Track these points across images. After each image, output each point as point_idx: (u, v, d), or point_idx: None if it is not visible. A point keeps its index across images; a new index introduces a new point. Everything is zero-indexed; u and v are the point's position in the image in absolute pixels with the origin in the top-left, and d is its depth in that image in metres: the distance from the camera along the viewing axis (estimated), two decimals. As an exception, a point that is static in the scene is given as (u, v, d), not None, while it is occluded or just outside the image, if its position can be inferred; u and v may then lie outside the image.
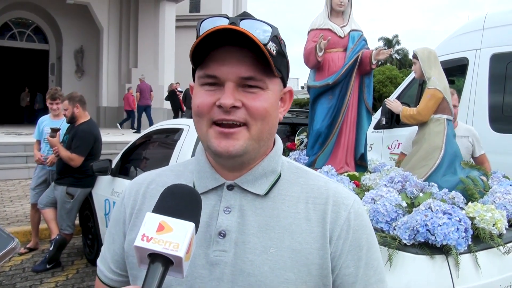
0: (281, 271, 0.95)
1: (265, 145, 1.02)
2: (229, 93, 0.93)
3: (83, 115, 5.17)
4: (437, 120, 3.16)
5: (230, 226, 0.98)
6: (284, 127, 4.40)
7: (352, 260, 0.99)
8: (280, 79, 1.02)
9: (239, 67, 0.93)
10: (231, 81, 0.93)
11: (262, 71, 0.94)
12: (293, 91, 1.11)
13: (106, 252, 1.14)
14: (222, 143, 0.95)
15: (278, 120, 1.04)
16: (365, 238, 1.02)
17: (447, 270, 2.09)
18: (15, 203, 7.67)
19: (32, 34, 20.56)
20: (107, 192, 4.74)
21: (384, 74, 26.10)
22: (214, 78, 0.95)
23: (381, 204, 2.39)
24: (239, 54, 0.93)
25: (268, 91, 0.97)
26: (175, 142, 3.90)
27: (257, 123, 0.96)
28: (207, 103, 0.95)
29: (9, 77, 22.25)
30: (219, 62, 0.94)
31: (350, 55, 3.30)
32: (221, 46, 0.93)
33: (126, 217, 1.09)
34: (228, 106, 0.92)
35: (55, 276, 4.88)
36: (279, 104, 1.04)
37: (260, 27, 0.94)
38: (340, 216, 1.00)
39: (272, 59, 0.94)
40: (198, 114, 0.98)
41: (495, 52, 5.05)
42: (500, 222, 2.37)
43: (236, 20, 0.93)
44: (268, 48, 0.93)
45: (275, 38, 0.96)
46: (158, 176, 1.12)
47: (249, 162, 1.02)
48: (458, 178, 3.04)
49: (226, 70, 0.93)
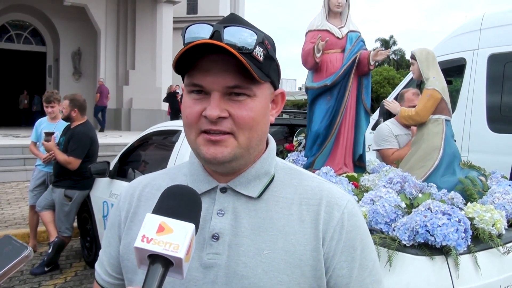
0: (275, 273, 0.95)
1: (255, 151, 1.02)
2: (214, 104, 0.93)
3: (81, 118, 5.16)
4: (436, 120, 3.16)
5: (224, 229, 0.99)
6: (282, 128, 4.39)
7: (346, 261, 0.99)
8: (269, 83, 1.01)
9: (224, 77, 0.93)
10: (216, 91, 0.93)
11: (248, 79, 0.94)
12: (285, 93, 1.10)
13: (103, 255, 1.14)
14: (210, 150, 0.95)
15: (268, 124, 1.03)
16: (359, 239, 1.01)
17: (446, 271, 2.09)
18: (13, 205, 7.65)
19: (29, 36, 20.51)
20: (105, 194, 4.73)
21: (382, 75, 26.16)
22: (200, 87, 0.95)
23: (380, 205, 2.39)
24: (223, 63, 0.92)
25: (255, 98, 0.96)
26: (173, 143, 3.89)
27: (244, 132, 0.95)
28: (195, 113, 0.96)
29: (7, 80, 22.21)
30: (204, 71, 0.94)
31: (348, 56, 3.29)
32: (206, 55, 0.93)
33: (121, 220, 1.10)
34: (214, 117, 0.92)
35: (54, 279, 4.87)
36: (269, 108, 1.03)
37: (244, 35, 0.93)
38: (333, 217, 0.99)
39: (259, 65, 0.94)
40: (187, 124, 0.98)
41: (492, 53, 5.06)
42: (500, 222, 2.37)
43: (220, 28, 0.92)
44: (254, 54, 0.93)
45: (261, 44, 0.94)
46: (153, 179, 1.13)
47: (240, 168, 1.02)
48: (457, 179, 3.04)
49: (211, 80, 0.93)
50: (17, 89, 21.81)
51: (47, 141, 5.01)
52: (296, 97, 31.23)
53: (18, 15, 19.59)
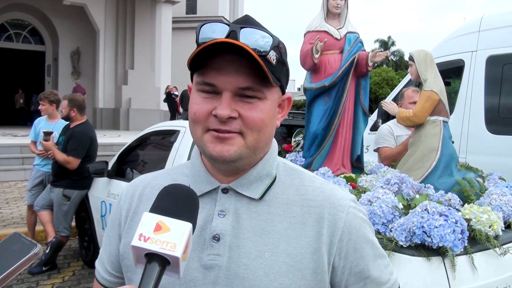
0: (276, 275, 0.95)
1: (261, 153, 1.02)
2: (225, 104, 0.92)
3: (80, 118, 5.16)
4: (433, 122, 3.16)
5: (225, 230, 0.98)
6: (280, 129, 4.39)
7: (361, 257, 1.01)
8: (279, 87, 1.01)
9: (237, 77, 0.92)
10: (228, 90, 0.93)
11: (260, 81, 0.94)
12: (292, 97, 1.10)
13: (103, 253, 1.15)
14: (217, 148, 0.95)
15: (275, 128, 1.03)
16: (369, 233, 1.05)
17: (443, 272, 2.09)
18: (11, 205, 7.64)
19: (28, 36, 20.51)
20: (103, 194, 4.73)
21: (380, 75, 26.15)
22: (211, 86, 0.94)
23: (377, 206, 2.39)
24: (237, 63, 0.92)
25: (266, 101, 0.96)
26: (172, 144, 3.89)
27: (253, 133, 0.95)
28: (204, 111, 0.95)
29: (5, 79, 22.19)
30: (217, 70, 0.93)
31: (346, 57, 3.30)
32: (220, 54, 0.92)
33: (121, 219, 1.10)
34: (225, 117, 0.92)
35: (52, 279, 4.87)
36: (276, 112, 1.03)
37: (260, 37, 0.93)
38: (339, 218, 1.00)
39: (272, 68, 0.93)
40: (194, 121, 0.97)
41: (491, 54, 5.06)
42: (496, 223, 2.37)
43: (236, 28, 0.92)
44: (268, 57, 0.92)
45: (276, 47, 0.95)
46: (154, 179, 1.13)
47: (243, 168, 1.02)
48: (454, 180, 3.05)
49: (224, 79, 0.93)
50: (16, 88, 21.79)
51: (45, 141, 5.02)
52: (295, 97, 31.25)
53: (17, 14, 19.58)
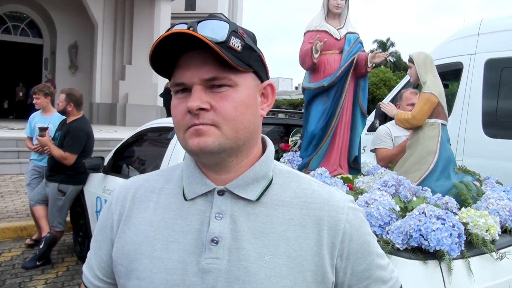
0: (277, 278, 0.94)
1: (247, 143, 1.00)
2: (194, 96, 0.93)
3: (76, 113, 5.14)
4: (432, 124, 3.16)
5: (223, 233, 0.96)
6: (278, 128, 4.39)
7: (362, 257, 1.01)
8: (254, 74, 1.01)
9: (201, 70, 0.93)
10: (196, 84, 0.94)
11: (227, 69, 0.94)
12: (274, 84, 1.09)
13: (92, 258, 1.11)
14: (195, 141, 0.94)
15: (258, 116, 1.02)
16: (368, 232, 1.05)
17: (439, 275, 2.09)
18: (6, 198, 7.61)
19: (26, 28, 20.41)
20: (98, 190, 4.71)
21: (378, 76, 26.15)
22: (182, 85, 0.96)
23: (374, 207, 2.38)
24: (201, 57, 0.93)
25: (238, 88, 0.96)
26: (168, 140, 3.87)
27: (228, 123, 0.94)
28: (181, 111, 0.96)
29: (2, 71, 22.08)
30: (184, 68, 0.95)
31: (346, 57, 3.29)
32: (185, 52, 0.95)
33: (113, 223, 1.07)
34: (194, 108, 0.92)
35: (45, 274, 4.85)
36: (258, 100, 1.02)
37: (216, 26, 0.94)
38: (339, 220, 1.00)
39: (238, 55, 0.94)
40: (176, 124, 0.98)
41: (490, 58, 5.06)
42: (493, 228, 2.37)
43: (194, 24, 0.93)
44: (231, 45, 0.93)
45: (235, 32, 0.95)
46: (146, 181, 1.11)
47: (234, 162, 1.00)
48: (451, 183, 3.04)
49: (189, 75, 0.94)
50: (13, 81, 21.68)
51: (41, 136, 4.98)
52: (293, 96, 31.26)
53: (15, 6, 19.49)
